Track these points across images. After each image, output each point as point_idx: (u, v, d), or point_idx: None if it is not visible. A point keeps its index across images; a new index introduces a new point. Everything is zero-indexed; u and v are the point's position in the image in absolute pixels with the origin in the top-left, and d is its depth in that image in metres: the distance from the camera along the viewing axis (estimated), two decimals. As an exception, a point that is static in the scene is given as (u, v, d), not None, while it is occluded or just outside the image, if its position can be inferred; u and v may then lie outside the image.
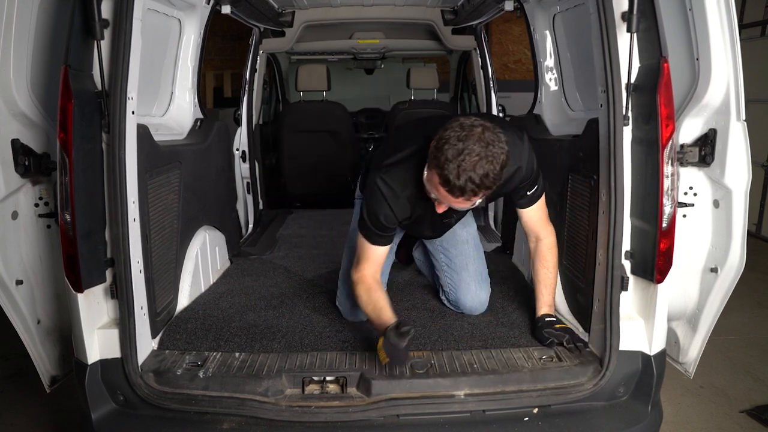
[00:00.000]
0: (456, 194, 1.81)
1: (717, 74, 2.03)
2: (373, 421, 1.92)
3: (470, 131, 1.77)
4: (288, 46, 4.29)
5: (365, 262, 2.20)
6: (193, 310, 2.52)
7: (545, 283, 2.33)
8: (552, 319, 2.28)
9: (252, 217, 4.34)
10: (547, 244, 2.32)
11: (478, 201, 1.90)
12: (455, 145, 1.75)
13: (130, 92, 1.93)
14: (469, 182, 1.76)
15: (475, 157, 1.74)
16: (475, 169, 1.74)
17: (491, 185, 1.80)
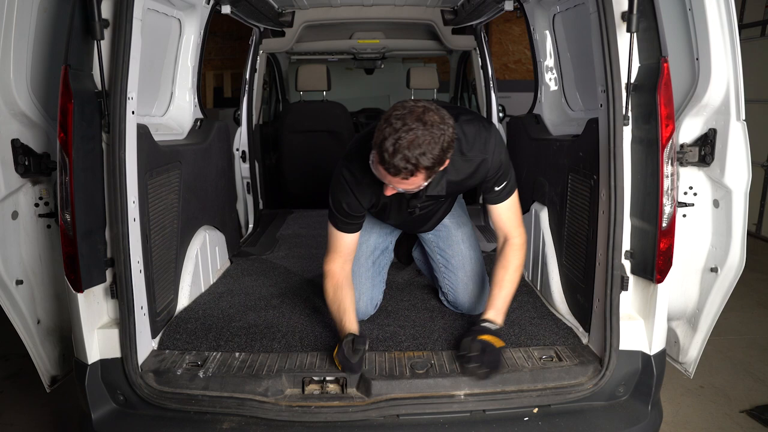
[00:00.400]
0: (392, 172, 1.76)
1: (717, 74, 2.03)
2: (373, 421, 1.92)
3: (411, 110, 1.74)
4: (288, 46, 4.29)
5: (334, 253, 2.21)
6: (193, 310, 2.52)
7: (498, 284, 2.18)
8: (486, 325, 2.09)
9: (252, 217, 4.34)
10: (513, 244, 2.22)
11: (422, 183, 1.85)
12: (393, 123, 1.73)
13: (130, 92, 1.93)
14: (403, 160, 1.72)
15: (411, 135, 1.70)
16: (410, 148, 1.71)
17: (429, 165, 1.75)
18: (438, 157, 1.76)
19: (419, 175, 1.78)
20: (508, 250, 2.22)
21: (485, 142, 2.05)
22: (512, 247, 2.22)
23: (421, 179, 1.81)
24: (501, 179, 2.14)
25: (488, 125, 2.11)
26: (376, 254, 2.55)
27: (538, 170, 2.89)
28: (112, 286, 1.99)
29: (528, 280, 2.94)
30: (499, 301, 2.16)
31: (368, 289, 2.48)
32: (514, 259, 2.21)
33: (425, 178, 1.82)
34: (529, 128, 3.11)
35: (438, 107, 1.80)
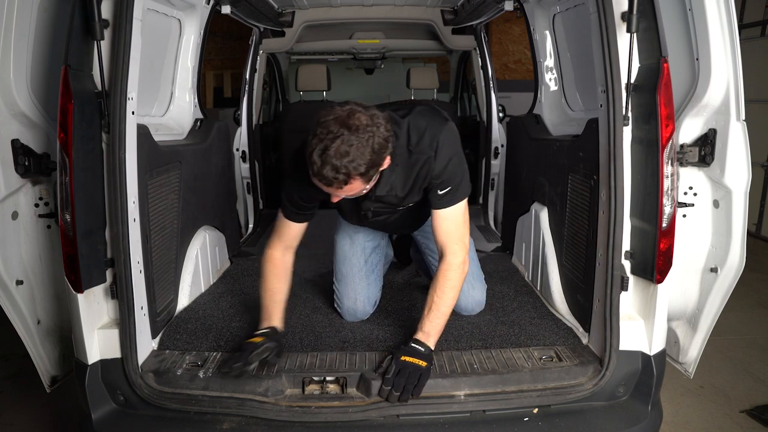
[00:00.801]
0: (325, 183, 1.71)
1: (717, 74, 2.03)
2: (373, 421, 1.92)
3: (336, 116, 1.68)
4: (288, 46, 4.29)
5: (278, 238, 2.17)
6: (194, 310, 2.52)
7: (429, 306, 2.05)
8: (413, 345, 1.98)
9: (252, 217, 4.34)
10: (449, 263, 2.05)
11: (364, 187, 1.79)
12: (318, 133, 1.67)
13: (130, 92, 1.93)
14: (333, 170, 1.66)
15: (337, 143, 1.64)
16: (337, 156, 1.64)
17: (362, 171, 1.68)
18: (370, 161, 1.69)
19: (354, 182, 1.72)
20: (443, 270, 2.06)
21: (432, 139, 1.95)
22: (447, 266, 2.05)
23: (360, 184, 1.75)
24: (446, 183, 2.00)
25: (442, 122, 1.99)
26: (366, 252, 2.53)
27: (538, 170, 2.89)
28: (112, 287, 1.99)
29: (528, 280, 2.94)
30: (428, 324, 2.04)
31: (364, 288, 2.46)
32: (448, 281, 2.04)
33: (364, 182, 1.76)
34: (529, 128, 3.11)
35: (367, 107, 1.73)
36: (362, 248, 2.52)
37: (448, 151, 1.99)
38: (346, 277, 2.47)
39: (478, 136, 4.67)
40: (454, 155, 2.01)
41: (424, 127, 1.97)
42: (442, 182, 2.01)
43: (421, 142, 1.96)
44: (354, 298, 2.43)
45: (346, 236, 2.53)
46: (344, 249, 2.52)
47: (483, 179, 4.51)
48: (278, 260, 2.17)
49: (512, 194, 3.50)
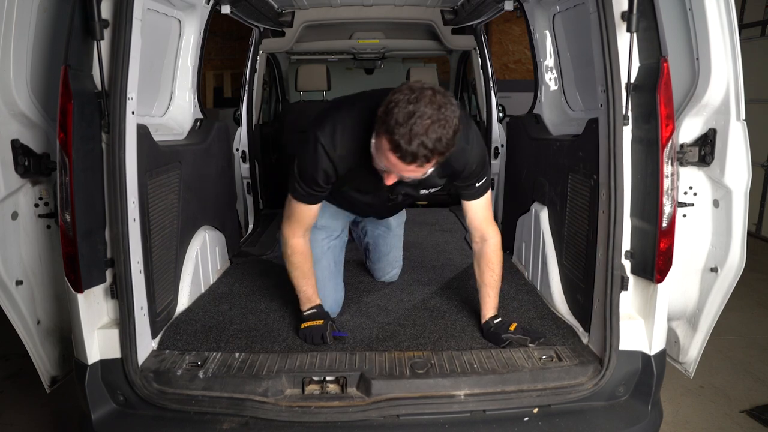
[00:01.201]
0: (408, 160, 1.68)
1: (717, 74, 2.03)
2: (373, 421, 1.92)
3: (420, 93, 1.65)
4: (288, 46, 4.29)
5: (298, 225, 2.21)
6: (193, 310, 2.52)
7: (491, 285, 2.28)
8: (500, 320, 2.26)
9: (252, 217, 4.34)
10: (492, 245, 2.27)
11: (429, 170, 1.80)
12: (405, 108, 1.62)
13: (129, 92, 1.93)
14: (422, 147, 1.63)
15: (426, 120, 1.62)
16: (427, 133, 1.62)
17: (444, 150, 1.69)
18: (451, 141, 1.69)
19: (433, 161, 1.71)
20: (490, 252, 2.27)
21: (466, 133, 1.98)
22: (492, 248, 2.27)
23: (431, 166, 1.75)
24: (482, 174, 2.12)
25: (469, 120, 2.07)
26: (335, 252, 2.57)
27: (538, 170, 2.89)
28: (112, 287, 1.99)
29: (528, 280, 2.94)
30: (496, 300, 2.30)
31: (332, 291, 2.50)
32: (497, 260, 2.27)
33: (434, 165, 1.76)
34: (529, 128, 3.11)
35: (435, 86, 1.72)
36: (331, 248, 2.55)
37: (480, 144, 2.09)
38: (323, 281, 2.47)
39: (478, 136, 4.66)
40: (483, 148, 2.10)
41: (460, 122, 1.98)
42: (480, 174, 2.12)
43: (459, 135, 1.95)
44: (334, 298, 2.49)
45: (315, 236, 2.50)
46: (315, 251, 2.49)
47: (483, 179, 4.50)
48: (303, 247, 2.25)
49: (512, 194, 3.50)
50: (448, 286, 2.89)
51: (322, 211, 2.46)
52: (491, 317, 2.27)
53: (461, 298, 2.69)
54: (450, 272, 3.10)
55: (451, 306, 2.60)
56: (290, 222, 2.22)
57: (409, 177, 1.82)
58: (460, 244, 3.74)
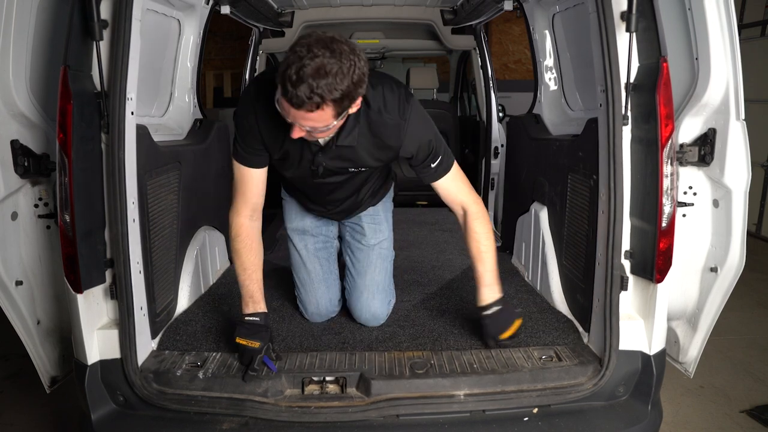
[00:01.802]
0: (296, 104, 1.60)
1: (716, 73, 2.03)
2: (372, 422, 1.92)
3: (318, 38, 1.60)
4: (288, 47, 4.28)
5: (241, 198, 2.06)
6: (193, 311, 2.52)
7: (479, 259, 2.12)
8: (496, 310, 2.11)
9: (252, 217, 4.33)
10: (471, 213, 2.12)
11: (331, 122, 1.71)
12: (298, 51, 1.58)
13: (129, 93, 1.93)
14: (308, 89, 1.57)
15: (317, 62, 1.56)
16: (315, 76, 1.56)
17: (337, 97, 1.61)
18: (347, 90, 1.61)
19: (326, 109, 1.63)
20: (470, 221, 2.12)
21: (403, 109, 1.94)
22: (472, 216, 2.12)
23: (329, 116, 1.67)
24: (435, 155, 2.04)
25: (409, 97, 1.97)
26: (320, 255, 2.51)
27: (538, 170, 2.89)
28: (111, 287, 1.99)
29: (528, 280, 2.94)
30: (486, 276, 2.12)
31: (324, 292, 2.44)
32: (480, 228, 2.12)
33: (334, 115, 1.68)
34: (529, 128, 3.11)
35: (354, 44, 1.66)
36: (316, 252, 2.50)
37: (420, 123, 1.99)
38: (306, 284, 2.46)
39: (477, 136, 4.67)
40: (430, 128, 2.03)
41: (394, 98, 1.94)
42: (431, 155, 2.03)
43: (392, 110, 1.93)
44: (316, 303, 2.43)
45: (298, 240, 2.51)
46: (298, 256, 2.51)
47: (483, 179, 4.51)
48: (247, 229, 2.07)
49: (512, 194, 3.50)
50: (448, 286, 2.89)
51: (288, 210, 2.53)
52: (486, 305, 2.12)
53: (461, 298, 2.69)
54: (450, 272, 3.10)
55: (450, 306, 2.60)
56: (235, 195, 2.08)
57: (308, 126, 1.72)
58: (460, 244, 3.72)
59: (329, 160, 2.03)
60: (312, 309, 2.44)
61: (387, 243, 2.53)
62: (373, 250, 2.47)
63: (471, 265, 2.19)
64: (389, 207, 2.59)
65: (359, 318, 2.39)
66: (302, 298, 2.48)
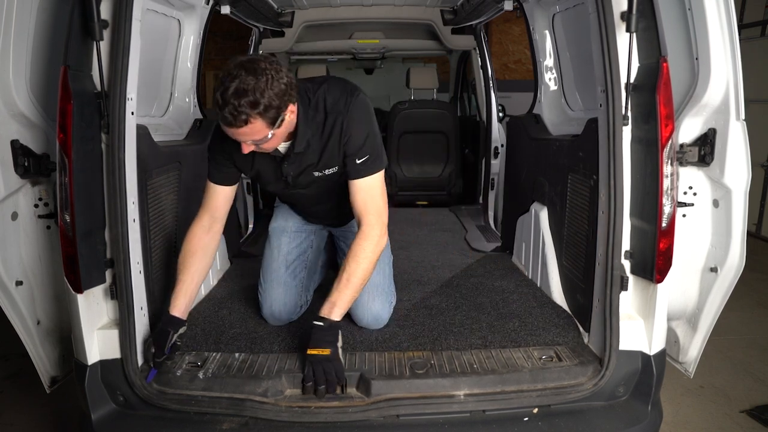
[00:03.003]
0: (229, 123, 1.77)
1: (716, 74, 2.03)
2: (372, 422, 1.92)
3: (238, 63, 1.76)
4: (288, 46, 4.29)
5: (204, 207, 2.20)
6: (193, 315, 2.50)
7: (340, 277, 2.02)
8: (317, 328, 1.98)
9: (252, 217, 4.34)
10: (365, 231, 2.03)
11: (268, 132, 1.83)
12: (221, 77, 1.75)
13: (129, 93, 1.93)
14: (233, 109, 1.72)
15: (235, 82, 1.72)
16: (236, 95, 1.71)
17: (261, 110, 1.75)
18: (269, 101, 1.75)
19: (255, 122, 1.77)
20: (358, 239, 2.04)
21: (345, 103, 2.02)
22: (363, 236, 2.03)
23: (262, 127, 1.80)
24: (363, 151, 2.05)
25: (354, 93, 2.05)
26: (290, 259, 2.50)
27: (538, 170, 2.89)
28: (111, 287, 1.99)
29: (528, 279, 2.94)
30: (336, 294, 2.02)
31: (281, 295, 2.41)
32: (362, 251, 2.02)
33: (267, 126, 1.81)
34: (529, 128, 3.11)
35: (269, 57, 1.81)
36: (286, 254, 2.50)
37: (362, 117, 2.05)
38: (266, 282, 2.47)
39: (477, 136, 4.68)
40: (368, 124, 2.07)
41: (338, 95, 2.04)
42: (360, 150, 2.05)
43: (336, 104, 2.03)
44: (270, 304, 2.41)
45: (275, 239, 2.54)
46: (268, 254, 2.52)
47: (483, 179, 4.51)
48: (198, 236, 2.15)
49: (512, 194, 3.50)
50: (448, 285, 2.89)
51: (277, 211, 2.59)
52: (319, 317, 2.01)
53: (461, 298, 2.69)
54: (449, 272, 3.10)
55: (450, 305, 2.60)
56: (200, 208, 2.21)
57: (249, 141, 1.86)
58: (460, 244, 3.74)
59: (294, 168, 2.14)
60: (266, 309, 2.43)
61: None
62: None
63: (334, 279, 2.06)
64: None
65: (361, 322, 2.36)
66: (261, 296, 2.47)
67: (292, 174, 2.16)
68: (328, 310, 2.01)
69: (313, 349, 1.95)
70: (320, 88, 2.05)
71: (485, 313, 2.48)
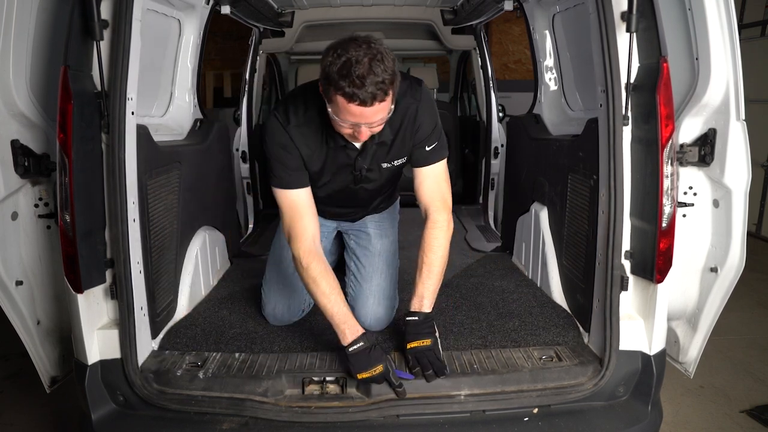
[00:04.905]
0: (369, 103, 1.67)
1: (716, 74, 2.03)
2: (373, 422, 1.92)
3: (345, 45, 1.67)
4: (288, 47, 4.29)
5: (297, 225, 2.01)
6: (193, 316, 2.51)
7: (420, 268, 2.06)
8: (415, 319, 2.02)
9: (252, 217, 4.34)
10: (437, 220, 2.06)
11: (389, 110, 1.77)
12: (337, 62, 1.65)
13: (129, 93, 1.93)
14: (373, 84, 1.64)
15: (364, 59, 1.64)
16: (372, 69, 1.64)
17: (392, 77, 1.69)
18: (395, 70, 1.71)
19: (390, 94, 1.72)
20: (431, 227, 2.06)
21: (415, 91, 1.99)
22: (433, 224, 2.06)
23: (390, 101, 1.75)
24: (432, 138, 2.04)
25: (420, 82, 2.03)
26: None
27: (538, 170, 2.89)
28: (111, 287, 1.99)
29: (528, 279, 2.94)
30: (421, 286, 2.05)
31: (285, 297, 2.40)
32: (435, 239, 2.05)
33: (392, 100, 1.76)
34: (529, 128, 3.11)
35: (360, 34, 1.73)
36: None
37: (432, 105, 2.03)
38: (270, 282, 2.46)
39: (477, 136, 4.67)
40: (436, 112, 2.05)
41: (406, 86, 1.98)
42: (429, 137, 2.04)
43: (406, 93, 1.97)
44: (273, 306, 2.41)
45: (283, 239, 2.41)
46: (276, 254, 2.50)
47: (483, 179, 4.51)
48: (316, 255, 2.00)
49: (512, 194, 3.50)
50: (448, 285, 2.88)
51: None
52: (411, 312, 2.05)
53: (461, 298, 2.69)
54: (449, 272, 3.07)
55: (450, 305, 2.60)
56: (292, 226, 2.03)
57: (376, 120, 1.77)
58: (460, 243, 3.73)
59: (366, 161, 2.07)
60: (268, 310, 2.43)
61: (393, 249, 2.52)
62: (379, 257, 2.47)
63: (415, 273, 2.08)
64: (395, 217, 2.60)
65: (363, 323, 2.32)
66: (264, 296, 2.48)
67: (366, 167, 2.07)
68: (419, 303, 2.05)
69: (412, 342, 1.99)
70: None
71: (485, 313, 2.48)
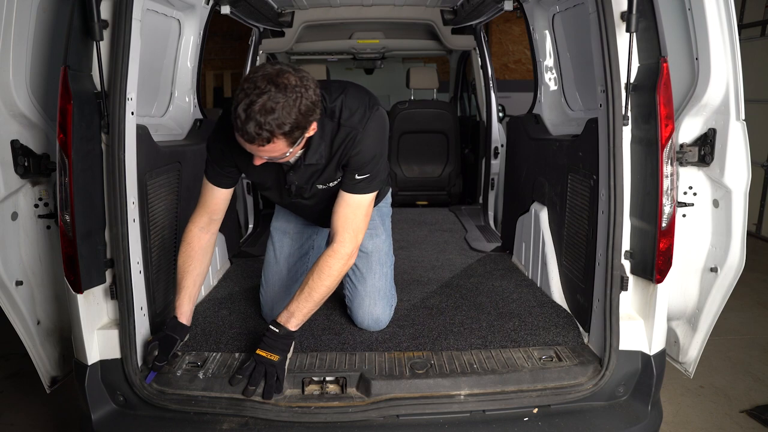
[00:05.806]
0: (247, 139, 1.66)
1: (716, 74, 2.03)
2: (372, 422, 1.92)
3: (264, 73, 1.64)
4: (288, 46, 4.29)
5: (202, 207, 2.11)
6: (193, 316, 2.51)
7: (302, 288, 1.97)
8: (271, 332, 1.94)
9: (252, 217, 4.34)
10: (335, 248, 1.97)
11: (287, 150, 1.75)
12: (246, 88, 1.63)
13: (129, 93, 1.93)
14: (257, 127, 1.62)
15: (263, 98, 1.61)
16: (262, 112, 1.61)
17: (287, 131, 1.66)
18: (295, 121, 1.66)
19: (277, 142, 1.69)
20: (326, 255, 1.98)
21: (362, 119, 1.92)
22: (332, 253, 1.98)
23: (283, 146, 1.72)
24: (368, 168, 1.97)
25: (373, 107, 1.95)
26: (291, 261, 2.48)
27: (538, 170, 2.89)
28: (111, 287, 1.99)
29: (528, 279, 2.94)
30: (295, 304, 1.97)
31: (282, 297, 2.40)
32: (328, 267, 1.96)
33: (288, 144, 1.73)
34: (529, 128, 3.11)
35: (298, 70, 1.70)
36: (288, 256, 2.48)
37: (376, 135, 1.96)
38: (267, 283, 2.47)
39: (477, 136, 4.67)
40: (380, 144, 2.00)
41: (356, 107, 1.93)
42: (363, 167, 1.97)
43: (352, 118, 1.92)
44: (271, 306, 2.43)
45: (277, 239, 2.51)
46: (270, 255, 2.51)
47: (483, 179, 4.51)
48: (197, 237, 2.09)
49: (512, 194, 3.50)
50: (448, 285, 2.89)
51: (278, 210, 2.51)
52: (277, 322, 1.96)
53: (461, 298, 2.69)
54: (449, 272, 3.10)
55: (450, 305, 2.60)
56: (197, 207, 2.12)
57: (265, 156, 1.77)
58: (460, 244, 3.74)
59: (300, 179, 2.06)
60: (267, 309, 2.44)
61: (385, 248, 2.48)
62: (371, 257, 2.43)
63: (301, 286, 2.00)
64: (386, 212, 2.56)
65: (361, 324, 2.35)
66: (262, 296, 2.48)
67: (296, 184, 2.08)
68: (286, 318, 1.97)
69: (262, 351, 1.93)
70: (338, 97, 1.93)
71: (485, 313, 2.48)
